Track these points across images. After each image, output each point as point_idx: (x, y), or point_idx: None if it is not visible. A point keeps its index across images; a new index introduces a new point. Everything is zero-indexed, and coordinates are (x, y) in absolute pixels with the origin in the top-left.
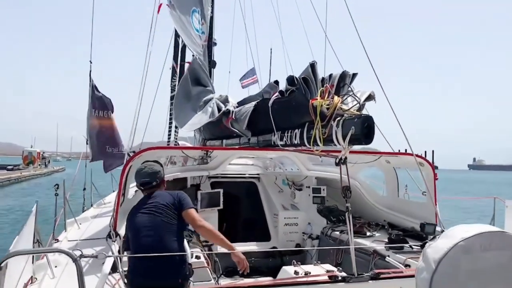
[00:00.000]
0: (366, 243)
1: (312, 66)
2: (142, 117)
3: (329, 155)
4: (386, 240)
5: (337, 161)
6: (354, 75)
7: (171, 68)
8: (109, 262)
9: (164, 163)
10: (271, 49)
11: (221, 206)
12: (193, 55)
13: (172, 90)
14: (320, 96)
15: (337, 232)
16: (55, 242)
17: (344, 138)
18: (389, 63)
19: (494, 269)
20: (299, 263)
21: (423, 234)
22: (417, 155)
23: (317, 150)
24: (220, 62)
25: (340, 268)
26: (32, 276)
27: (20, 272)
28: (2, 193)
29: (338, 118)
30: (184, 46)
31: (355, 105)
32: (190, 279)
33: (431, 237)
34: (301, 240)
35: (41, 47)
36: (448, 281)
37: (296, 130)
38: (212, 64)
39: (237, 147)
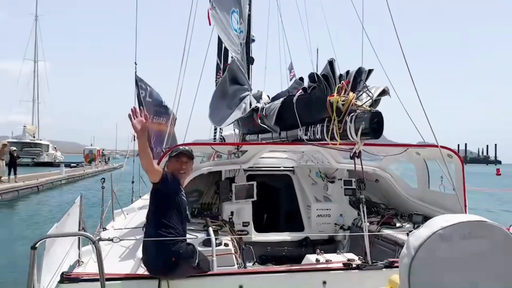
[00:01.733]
0: (393, 233)
1: (331, 63)
2: (186, 115)
3: (344, 149)
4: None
5: (351, 155)
6: (370, 71)
7: (216, 65)
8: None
9: (210, 156)
10: (317, 49)
11: (255, 198)
12: (232, 57)
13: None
14: (337, 92)
15: (367, 223)
16: (103, 231)
17: (356, 133)
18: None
19: (473, 257)
20: (322, 251)
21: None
22: (443, 147)
23: (334, 144)
24: (258, 58)
25: (361, 257)
26: (78, 260)
27: (64, 255)
28: (67, 189)
29: (352, 114)
30: None
31: (367, 100)
32: (198, 259)
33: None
34: (333, 230)
35: (99, 51)
36: (426, 267)
37: (318, 125)
38: (250, 60)
39: (264, 142)
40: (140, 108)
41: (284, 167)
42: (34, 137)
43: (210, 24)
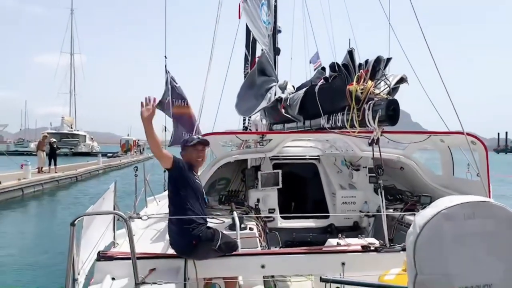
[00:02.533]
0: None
1: (350, 53)
2: (215, 105)
3: (363, 136)
4: None
5: (369, 141)
6: (389, 59)
7: (244, 56)
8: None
9: (240, 145)
10: (349, 40)
11: (280, 186)
12: (262, 49)
13: (245, 76)
14: (356, 81)
15: (391, 210)
16: (136, 215)
17: (374, 120)
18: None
19: (477, 236)
20: (343, 236)
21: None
22: (468, 134)
23: (353, 132)
24: (284, 48)
25: (382, 242)
26: (114, 242)
27: (100, 236)
28: (104, 178)
29: (370, 102)
30: None
31: (385, 88)
32: (219, 241)
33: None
34: (358, 217)
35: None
36: (430, 245)
37: (339, 114)
38: (276, 51)
39: (288, 131)
40: (151, 97)
41: (310, 156)
42: (71, 128)
43: (239, 18)
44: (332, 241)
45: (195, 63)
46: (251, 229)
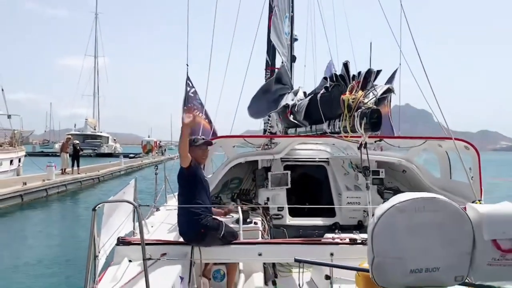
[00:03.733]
0: None
1: (345, 65)
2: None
3: (354, 141)
4: None
5: (358, 146)
6: (378, 71)
7: (265, 61)
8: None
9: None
10: (371, 43)
11: (289, 186)
12: (282, 62)
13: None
14: (349, 91)
15: (371, 204)
16: (156, 211)
17: (361, 127)
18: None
19: (426, 226)
20: (340, 231)
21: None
22: (457, 139)
23: (346, 136)
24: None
25: None
26: (133, 231)
27: (120, 225)
28: (126, 178)
29: (359, 110)
30: None
31: (371, 98)
32: (223, 231)
33: None
34: (362, 217)
35: (154, 46)
36: (385, 234)
37: (337, 120)
38: (292, 58)
39: (293, 135)
40: (190, 106)
41: (320, 158)
42: (94, 129)
43: (270, 31)
44: (328, 235)
45: (219, 65)
46: (255, 223)
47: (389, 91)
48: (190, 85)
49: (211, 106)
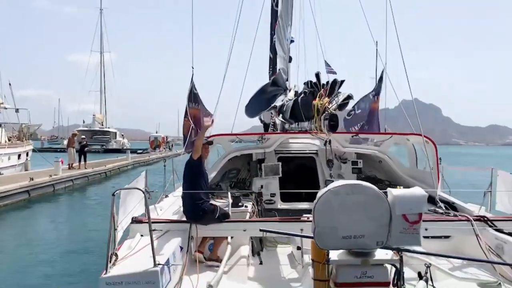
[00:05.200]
0: None
1: (317, 75)
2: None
3: (322, 138)
4: None
5: (324, 142)
6: (342, 81)
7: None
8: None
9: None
10: (376, 42)
11: (280, 175)
12: (279, 69)
13: (269, 77)
14: (319, 97)
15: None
16: (165, 197)
17: (324, 127)
18: None
19: (355, 206)
20: None
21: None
22: (419, 134)
23: (316, 133)
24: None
25: None
26: (144, 213)
27: (131, 209)
28: (134, 173)
29: (324, 114)
30: None
31: (333, 104)
32: (218, 213)
33: None
34: None
35: (160, 42)
36: (324, 212)
37: (312, 120)
38: (289, 59)
39: (278, 131)
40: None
41: (310, 151)
42: (102, 125)
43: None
44: (306, 215)
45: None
46: (246, 206)
47: (348, 98)
48: (193, 88)
49: (221, 104)
